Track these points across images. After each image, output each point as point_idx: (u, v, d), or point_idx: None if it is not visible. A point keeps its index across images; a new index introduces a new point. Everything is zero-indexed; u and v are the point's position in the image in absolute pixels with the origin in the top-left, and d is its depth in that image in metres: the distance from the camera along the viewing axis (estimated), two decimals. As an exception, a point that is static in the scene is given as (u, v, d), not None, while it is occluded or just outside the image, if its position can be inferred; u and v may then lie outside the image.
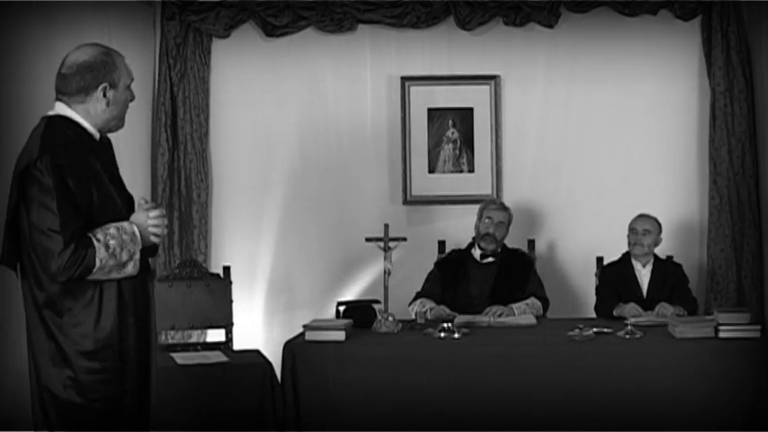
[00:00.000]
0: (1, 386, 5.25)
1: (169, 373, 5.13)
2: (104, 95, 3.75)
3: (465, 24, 7.19)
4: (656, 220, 6.38)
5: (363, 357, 5.31)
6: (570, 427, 5.15)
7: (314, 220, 7.33)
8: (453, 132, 7.36)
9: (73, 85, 3.75)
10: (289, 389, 5.27)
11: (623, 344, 5.32)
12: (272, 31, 7.28)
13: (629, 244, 6.40)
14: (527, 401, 5.17)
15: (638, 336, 5.37)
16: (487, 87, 7.32)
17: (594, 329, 5.46)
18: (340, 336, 5.40)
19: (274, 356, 5.55)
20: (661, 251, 6.49)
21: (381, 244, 6.01)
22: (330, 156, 7.35)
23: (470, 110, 7.34)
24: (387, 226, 6.03)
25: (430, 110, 7.35)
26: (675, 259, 6.67)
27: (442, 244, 7.03)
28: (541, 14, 7.14)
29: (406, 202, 7.34)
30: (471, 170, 7.34)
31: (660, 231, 6.39)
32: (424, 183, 7.35)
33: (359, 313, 5.92)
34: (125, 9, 6.79)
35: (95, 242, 3.52)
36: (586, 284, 6.99)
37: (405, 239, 6.15)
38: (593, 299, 6.54)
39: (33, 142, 3.67)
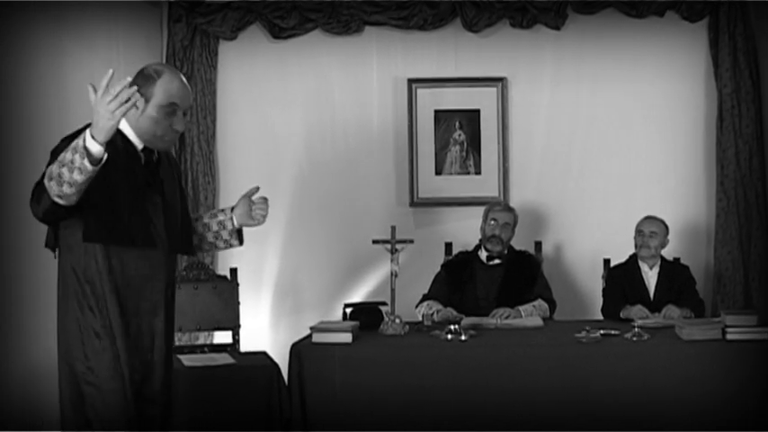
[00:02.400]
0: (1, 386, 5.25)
1: (176, 375, 5.10)
2: (136, 106, 3.74)
3: (472, 26, 7.19)
4: (663, 221, 6.38)
5: (370, 359, 5.30)
6: (577, 428, 5.13)
7: (321, 222, 7.34)
8: (460, 134, 7.36)
9: None
10: (295, 391, 5.27)
11: (630, 346, 5.30)
12: (278, 33, 7.29)
13: (636, 246, 6.39)
14: (534, 403, 5.16)
15: (645, 338, 5.36)
16: (494, 89, 7.32)
17: (601, 331, 5.45)
18: (347, 338, 5.40)
19: (281, 358, 5.55)
20: (668, 253, 6.49)
21: (388, 246, 6.00)
22: (337, 158, 7.36)
23: (477, 112, 7.34)
24: (393, 228, 6.03)
25: (437, 112, 7.36)
26: (682, 261, 6.66)
27: (448, 246, 7.03)
28: (548, 16, 7.14)
29: (412, 203, 7.34)
30: (478, 172, 7.34)
31: (667, 233, 6.38)
32: (431, 185, 7.35)
33: (366, 315, 5.91)
34: (132, 11, 6.81)
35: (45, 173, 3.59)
36: (593, 286, 6.98)
37: (412, 241, 6.14)
38: (599, 301, 6.54)
39: None
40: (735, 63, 7.04)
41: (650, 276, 6.36)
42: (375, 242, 6.11)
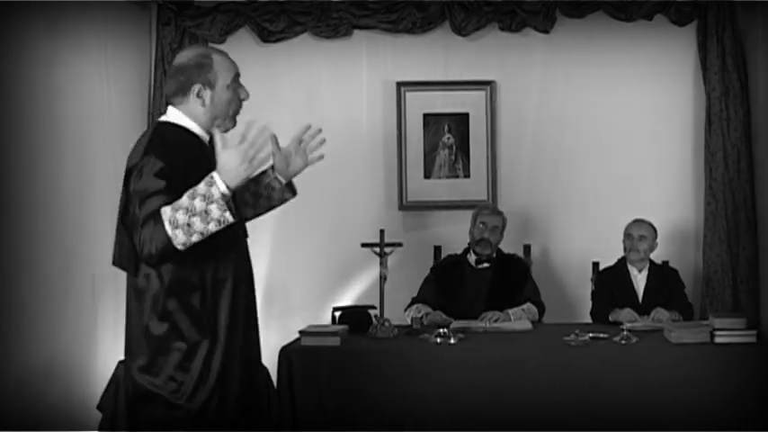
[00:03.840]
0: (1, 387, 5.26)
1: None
2: (198, 96, 3.74)
3: (461, 30, 7.20)
4: (651, 225, 6.39)
5: (359, 363, 5.30)
6: (566, 431, 5.15)
7: (310, 226, 7.33)
8: (449, 138, 7.36)
9: (171, 87, 3.79)
10: (285, 394, 5.27)
11: (619, 349, 5.32)
12: (267, 36, 7.29)
13: (625, 249, 6.40)
14: (523, 406, 5.17)
15: (634, 341, 5.37)
16: (483, 93, 7.33)
17: (590, 335, 5.47)
18: (336, 341, 5.40)
19: (270, 362, 5.52)
20: (657, 256, 6.50)
21: (377, 249, 6.01)
22: (326, 161, 7.30)
23: (466, 115, 7.35)
24: (382, 231, 6.03)
25: (425, 115, 7.36)
26: (671, 264, 6.67)
27: (437, 249, 7.03)
28: (537, 19, 7.15)
29: (401, 207, 7.34)
30: (467, 175, 7.35)
31: (656, 236, 6.40)
32: (420, 188, 7.35)
33: (355, 319, 5.92)
34: (121, 14, 6.80)
35: (163, 217, 3.41)
36: (582, 289, 6.99)
37: (400, 245, 6.15)
38: (588, 304, 6.55)
39: (138, 148, 3.69)
40: (723, 66, 7.05)
41: (639, 279, 6.37)
42: (364, 245, 6.11)
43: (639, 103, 7.28)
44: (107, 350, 6.33)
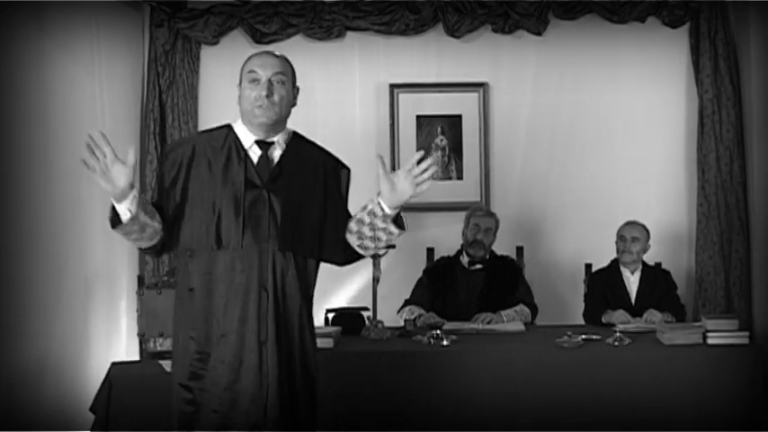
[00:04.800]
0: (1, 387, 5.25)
1: (158, 381, 5.11)
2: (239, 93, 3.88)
3: (454, 31, 7.20)
4: (644, 227, 6.39)
5: (352, 365, 5.29)
6: (559, 434, 5.16)
7: (302, 227, 7.31)
8: (442, 139, 7.36)
9: None
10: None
11: (612, 351, 5.32)
12: (260, 38, 7.29)
13: (618, 251, 6.41)
14: (516, 408, 5.16)
15: (627, 342, 5.37)
16: (476, 94, 7.33)
17: (583, 336, 5.47)
18: (328, 343, 5.39)
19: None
20: (649, 258, 6.50)
21: (370, 251, 6.00)
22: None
23: (459, 117, 7.35)
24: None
25: (418, 117, 7.36)
26: (664, 266, 6.67)
27: (430, 251, 7.03)
28: (530, 21, 7.16)
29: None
30: (460, 177, 7.35)
31: (648, 238, 6.40)
32: (413, 190, 7.33)
33: (348, 320, 5.91)
34: (113, 15, 6.80)
35: None
36: (575, 291, 6.99)
37: (393, 246, 6.10)
38: (581, 306, 6.55)
39: None
40: (715, 68, 7.06)
41: (632, 281, 6.37)
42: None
43: (632, 105, 7.29)
44: (100, 351, 6.34)
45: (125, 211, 3.49)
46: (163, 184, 3.74)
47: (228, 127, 3.89)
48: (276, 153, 3.85)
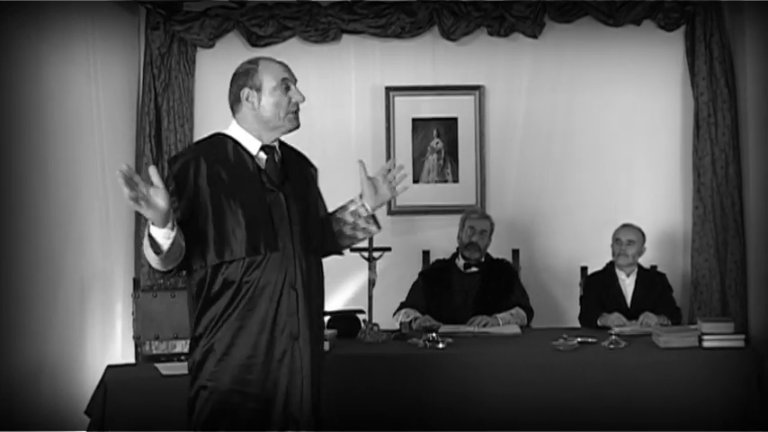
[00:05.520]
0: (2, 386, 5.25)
1: (153, 384, 5.11)
2: (248, 100, 3.80)
3: (449, 35, 7.21)
4: (640, 229, 6.39)
5: (348, 367, 5.29)
6: (554, 437, 5.16)
7: (298, 230, 7.31)
8: (438, 142, 7.37)
9: (229, 99, 3.89)
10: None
11: (607, 353, 5.32)
12: (256, 41, 7.29)
13: (614, 254, 6.41)
14: (512, 410, 5.17)
15: (623, 345, 5.37)
16: (472, 97, 7.34)
17: (579, 339, 5.47)
18: (324, 346, 5.38)
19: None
20: (645, 261, 6.50)
21: (366, 254, 6.00)
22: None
23: (455, 120, 7.36)
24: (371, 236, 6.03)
25: (414, 120, 7.37)
26: (659, 269, 6.68)
27: (426, 254, 7.03)
28: (525, 25, 7.16)
29: (390, 212, 7.34)
30: (456, 180, 7.36)
31: (644, 241, 6.40)
32: (409, 193, 7.30)
33: (343, 323, 5.91)
34: (109, 18, 6.80)
35: None
36: (570, 294, 6.99)
37: (389, 249, 6.15)
38: (577, 308, 6.55)
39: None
40: (711, 71, 7.07)
41: (627, 284, 6.37)
42: (352, 250, 6.09)
43: (628, 107, 7.30)
44: (95, 354, 6.33)
45: (165, 237, 3.42)
46: (180, 200, 3.62)
47: (224, 135, 3.85)
48: (278, 157, 3.90)
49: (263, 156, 3.82)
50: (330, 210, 4.16)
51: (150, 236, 3.41)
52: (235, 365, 3.65)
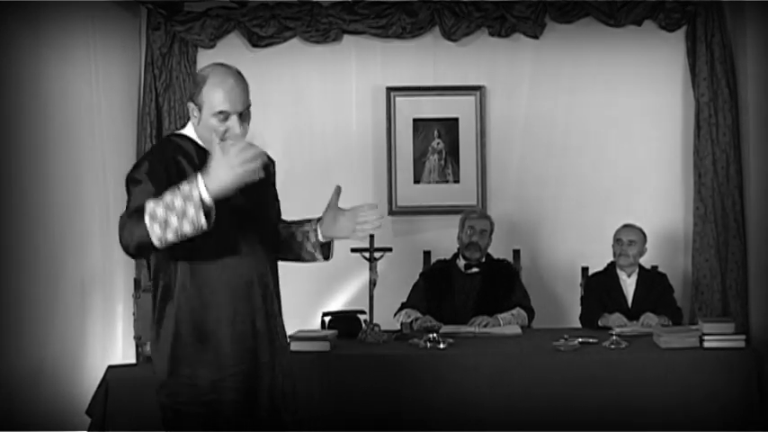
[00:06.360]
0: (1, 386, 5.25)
1: (153, 384, 5.11)
2: (193, 114, 3.67)
3: (450, 35, 7.21)
4: (641, 230, 6.39)
5: (349, 368, 5.29)
6: (555, 437, 5.15)
7: (299, 231, 7.32)
8: (438, 143, 7.36)
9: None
10: (274, 399, 5.25)
11: (608, 354, 5.31)
12: (257, 41, 7.29)
13: (615, 254, 6.40)
14: (512, 411, 5.16)
15: (623, 346, 5.37)
16: (473, 98, 7.33)
17: (580, 339, 5.46)
18: (325, 346, 5.39)
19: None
20: (646, 261, 6.50)
21: (367, 254, 6.00)
22: (315, 166, 7.34)
23: (456, 120, 7.36)
24: (372, 236, 6.02)
25: (415, 120, 7.37)
26: (660, 269, 6.67)
27: (427, 254, 7.03)
28: (526, 25, 7.16)
29: (391, 212, 7.34)
30: (457, 180, 7.35)
31: (645, 241, 6.40)
32: (410, 193, 7.35)
33: (344, 324, 5.91)
34: (110, 18, 6.80)
35: (146, 210, 3.34)
36: (571, 294, 6.99)
37: (390, 250, 6.15)
38: (578, 309, 6.54)
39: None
40: (712, 72, 7.07)
41: (628, 284, 6.37)
42: (353, 251, 6.10)
43: (629, 108, 7.29)
44: (96, 354, 6.33)
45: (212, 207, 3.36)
46: (150, 188, 3.51)
47: (181, 136, 3.74)
48: None
49: None
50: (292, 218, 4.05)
51: (203, 200, 3.30)
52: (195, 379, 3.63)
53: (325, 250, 4.01)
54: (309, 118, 7.38)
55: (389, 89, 7.36)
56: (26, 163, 5.57)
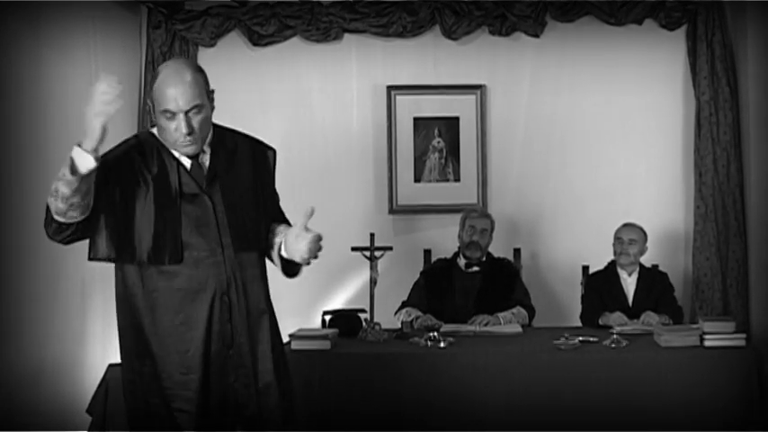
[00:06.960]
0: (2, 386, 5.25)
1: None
2: (150, 112, 3.64)
3: (451, 34, 7.21)
4: (641, 229, 6.39)
5: (349, 366, 5.28)
6: (556, 436, 5.15)
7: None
8: (439, 141, 7.36)
9: None
10: (274, 398, 5.25)
11: (609, 353, 5.31)
12: (258, 40, 7.29)
13: (615, 253, 6.40)
14: (513, 410, 5.15)
15: (624, 344, 5.36)
16: (473, 97, 7.33)
17: (580, 338, 5.46)
18: (326, 345, 5.39)
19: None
20: (646, 260, 6.50)
21: (367, 253, 6.00)
22: (316, 165, 7.35)
23: (456, 119, 7.36)
24: (372, 235, 6.03)
25: (416, 119, 7.36)
26: (661, 268, 6.67)
27: (427, 253, 7.03)
28: (527, 24, 7.16)
29: (391, 211, 7.34)
30: (457, 179, 7.35)
31: (646, 240, 6.40)
32: (410, 192, 7.35)
33: (345, 322, 5.90)
34: (110, 17, 6.80)
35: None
36: (572, 293, 6.98)
37: (391, 249, 6.15)
38: (578, 308, 6.54)
39: None
40: (712, 71, 7.07)
41: (629, 283, 6.37)
42: (354, 249, 6.11)
43: (629, 106, 7.29)
44: (96, 352, 6.33)
45: (88, 161, 3.32)
46: (106, 167, 3.50)
47: (150, 134, 3.69)
48: (206, 157, 3.67)
49: (186, 161, 3.64)
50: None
51: (71, 159, 3.31)
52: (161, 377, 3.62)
53: (291, 270, 3.94)
54: (310, 116, 7.38)
55: (390, 88, 7.36)
56: (26, 162, 5.56)
